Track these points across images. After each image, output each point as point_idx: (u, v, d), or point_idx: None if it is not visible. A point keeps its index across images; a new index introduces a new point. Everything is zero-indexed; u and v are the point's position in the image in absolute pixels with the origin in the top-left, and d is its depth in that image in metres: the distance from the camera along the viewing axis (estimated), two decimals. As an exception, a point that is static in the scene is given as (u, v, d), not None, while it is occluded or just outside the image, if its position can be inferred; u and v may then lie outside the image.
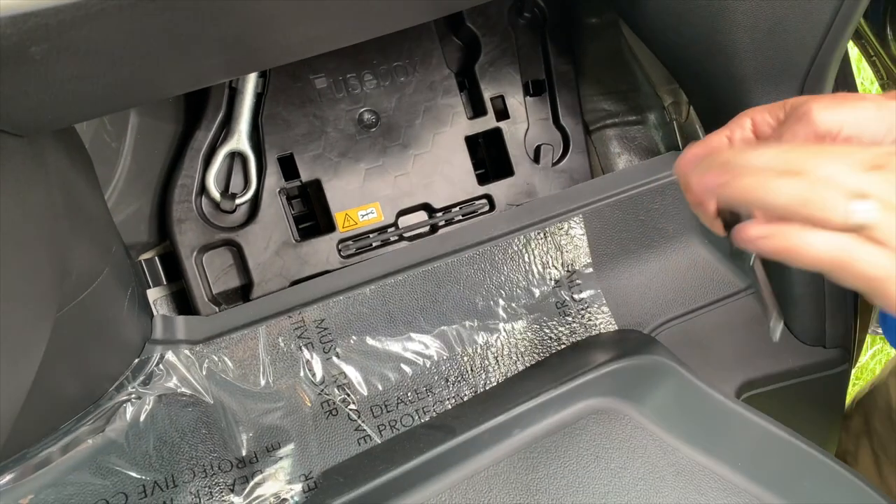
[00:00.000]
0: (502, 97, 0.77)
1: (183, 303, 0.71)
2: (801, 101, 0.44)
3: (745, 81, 0.65)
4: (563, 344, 0.72)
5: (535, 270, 0.72)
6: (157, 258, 0.71)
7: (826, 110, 0.41)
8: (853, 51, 0.95)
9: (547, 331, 0.72)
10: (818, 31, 0.61)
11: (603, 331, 0.73)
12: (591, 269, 0.72)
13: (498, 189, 0.76)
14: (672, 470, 0.63)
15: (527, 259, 0.72)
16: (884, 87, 0.92)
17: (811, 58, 0.64)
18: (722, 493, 0.61)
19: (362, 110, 0.72)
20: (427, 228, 0.74)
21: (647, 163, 0.74)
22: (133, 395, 0.63)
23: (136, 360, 0.63)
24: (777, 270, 0.71)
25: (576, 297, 0.72)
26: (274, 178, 0.70)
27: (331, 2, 0.52)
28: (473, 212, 0.75)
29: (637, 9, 0.66)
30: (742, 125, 0.46)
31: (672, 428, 0.64)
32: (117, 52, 0.43)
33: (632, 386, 0.65)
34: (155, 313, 0.69)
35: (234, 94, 0.70)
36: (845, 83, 0.79)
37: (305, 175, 0.71)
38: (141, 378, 0.63)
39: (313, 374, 0.67)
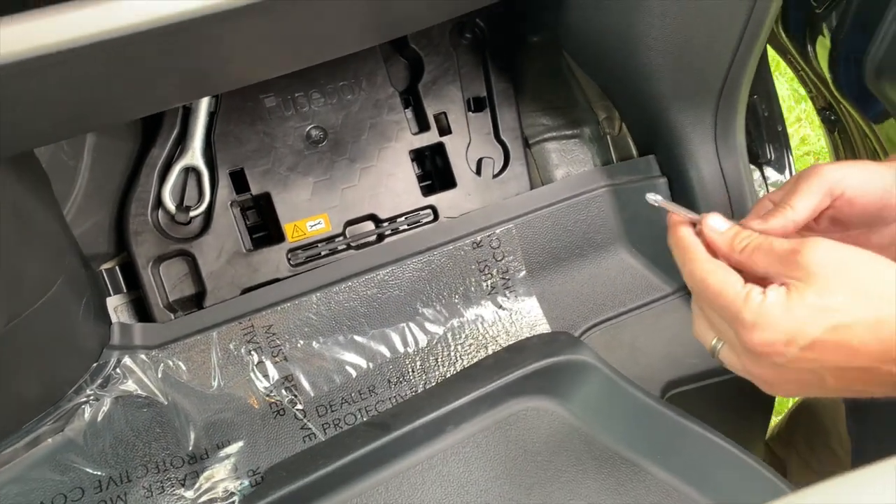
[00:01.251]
0: (445, 114, 0.81)
1: (142, 309, 0.76)
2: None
3: (663, 99, 0.70)
4: (500, 345, 0.77)
5: (473, 277, 0.76)
6: (117, 268, 0.75)
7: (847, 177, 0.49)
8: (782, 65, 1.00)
9: (484, 333, 0.77)
10: (726, 53, 0.66)
11: (538, 333, 0.77)
12: (524, 276, 0.77)
13: (441, 200, 0.80)
14: (594, 463, 0.67)
15: (465, 266, 0.76)
16: (813, 99, 0.97)
17: (723, 76, 0.69)
18: (640, 483, 0.66)
19: (310, 127, 0.77)
20: (374, 238, 0.79)
21: (575, 177, 0.79)
22: (91, 397, 0.67)
23: (95, 365, 0.68)
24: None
25: (511, 301, 0.77)
26: (226, 192, 0.75)
27: (287, 38, 0.57)
28: (418, 221, 0.80)
29: (565, 33, 0.71)
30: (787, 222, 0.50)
31: (596, 423, 0.68)
32: (77, 92, 0.47)
33: (559, 384, 0.70)
34: (114, 320, 0.73)
35: (188, 113, 0.74)
36: (768, 99, 0.84)
37: (256, 189, 0.75)
38: (99, 381, 0.68)
39: (262, 377, 0.72)
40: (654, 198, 0.54)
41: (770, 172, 0.84)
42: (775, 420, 1.12)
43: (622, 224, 0.79)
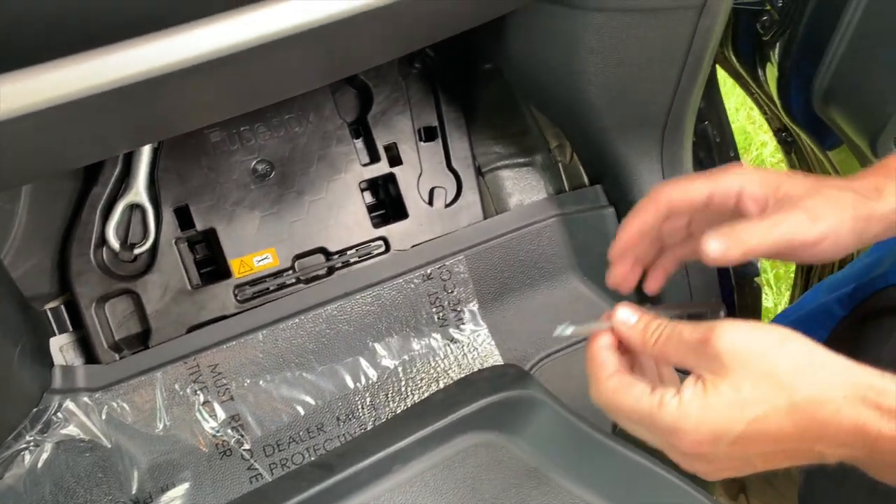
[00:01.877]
0: (395, 144, 0.81)
1: (88, 349, 0.74)
2: (787, 193, 0.47)
3: (608, 132, 0.70)
4: (452, 378, 0.76)
5: (424, 310, 0.76)
6: (62, 306, 0.74)
7: (812, 225, 0.45)
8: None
9: (436, 367, 0.76)
10: (668, 86, 0.66)
11: (490, 365, 0.77)
12: (476, 308, 0.77)
13: (393, 231, 0.80)
14: (544, 499, 0.67)
15: (416, 299, 0.76)
16: (769, 121, 0.97)
17: (667, 108, 0.68)
18: (589, 519, 0.66)
19: (256, 161, 0.76)
20: (324, 271, 0.78)
21: (525, 207, 0.78)
22: (31, 444, 0.66)
23: (35, 410, 0.67)
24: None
25: (463, 334, 0.77)
26: (171, 228, 0.74)
27: (243, 87, 0.56)
28: (369, 253, 0.79)
29: (508, 66, 0.71)
30: (729, 186, 0.48)
31: (544, 459, 0.68)
32: (27, 147, 0.47)
33: (508, 419, 0.69)
34: (59, 360, 0.72)
35: (131, 151, 0.73)
36: (720, 125, 0.84)
37: (201, 224, 0.74)
38: (39, 426, 0.66)
39: (209, 417, 0.71)
40: (562, 330, 0.50)
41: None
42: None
43: (573, 253, 0.78)
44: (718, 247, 0.46)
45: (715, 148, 0.84)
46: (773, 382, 0.41)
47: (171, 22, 0.45)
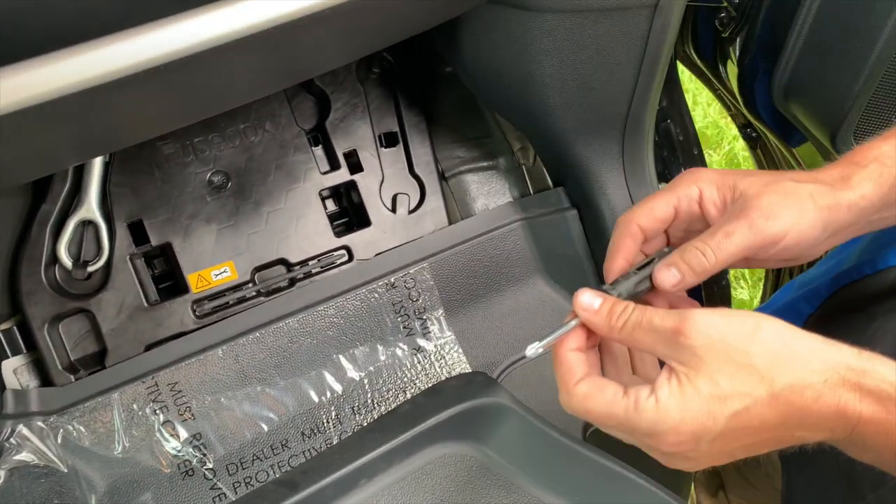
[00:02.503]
0: (356, 150, 0.79)
1: (42, 371, 0.72)
2: (742, 192, 0.46)
3: (567, 135, 0.69)
4: (420, 388, 0.75)
5: (389, 320, 0.75)
6: (14, 328, 0.72)
7: (767, 222, 0.45)
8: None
9: (402, 377, 0.75)
10: (626, 87, 0.65)
11: (459, 372, 0.76)
12: (442, 315, 0.75)
13: (356, 240, 0.78)
14: (514, 508, 0.66)
15: (380, 310, 0.74)
16: (733, 117, 0.97)
17: (626, 109, 0.68)
18: (560, 527, 0.65)
19: (211, 172, 0.74)
20: (285, 283, 0.76)
21: (489, 213, 0.77)
22: (-17, 471, 0.64)
23: (-13, 436, 0.64)
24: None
25: (430, 342, 0.75)
26: (125, 244, 0.72)
27: (192, 95, 0.55)
28: (332, 263, 0.78)
29: (462, 69, 0.70)
30: (689, 196, 0.48)
31: (515, 468, 0.67)
32: None
33: (474, 428, 0.68)
34: (13, 384, 0.70)
35: (81, 166, 0.71)
36: (682, 123, 0.84)
37: (156, 239, 0.72)
38: (-9, 453, 0.64)
39: (169, 437, 0.69)
40: (534, 351, 0.48)
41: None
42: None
43: (538, 256, 0.77)
44: (672, 278, 0.46)
45: (678, 146, 0.83)
46: (751, 373, 0.40)
47: (109, 29, 0.44)
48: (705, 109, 2.03)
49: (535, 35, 0.59)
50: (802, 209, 0.45)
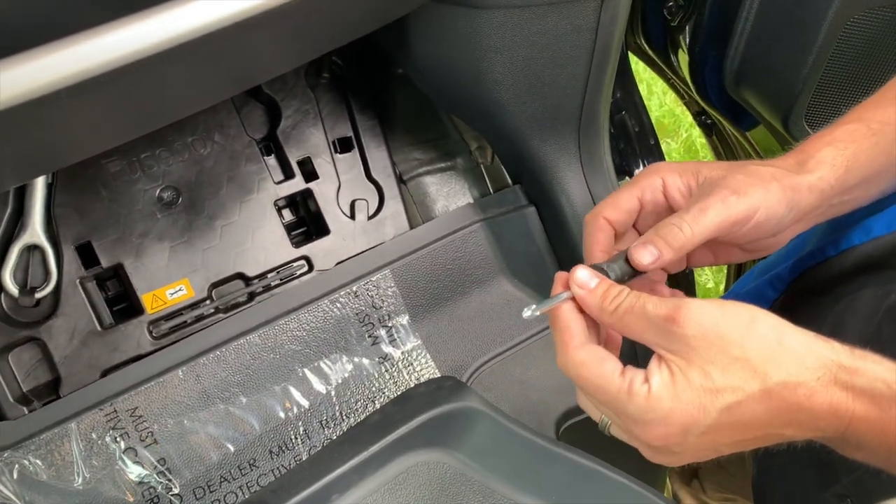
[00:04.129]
0: (310, 158, 0.77)
1: (-5, 403, 0.69)
2: (707, 176, 0.46)
3: (522, 132, 0.68)
4: (389, 397, 0.73)
5: (353, 330, 0.73)
6: (-39, 361, 0.69)
7: (738, 198, 0.44)
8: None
9: (370, 387, 0.73)
10: (578, 81, 0.65)
11: (428, 378, 0.75)
12: (408, 322, 0.74)
13: (315, 249, 0.77)
14: (491, 512, 0.65)
15: (343, 320, 0.73)
16: (687, 105, 0.97)
17: (579, 103, 0.67)
18: (538, 528, 0.64)
19: (161, 188, 0.72)
20: (244, 297, 0.74)
21: (449, 215, 0.77)
22: (-66, 515, 0.61)
23: (-64, 477, 0.62)
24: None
25: (397, 350, 0.74)
26: (74, 268, 0.69)
27: (134, 106, 0.53)
28: (292, 275, 0.76)
29: (413, 68, 0.69)
30: (653, 185, 0.48)
31: (487, 470, 0.66)
32: None
33: (446, 434, 0.67)
34: (-36, 420, 0.67)
35: (22, 189, 0.68)
36: (637, 114, 0.84)
37: (106, 260, 0.70)
38: (-58, 495, 0.61)
39: (132, 464, 0.66)
40: (531, 313, 0.46)
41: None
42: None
43: (501, 256, 0.77)
44: (649, 255, 0.45)
45: (635, 137, 0.83)
46: (744, 368, 0.39)
47: (39, 39, 0.42)
48: (661, 98, 2.05)
49: (484, 32, 0.58)
50: (768, 188, 0.45)
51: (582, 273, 0.44)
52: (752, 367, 0.39)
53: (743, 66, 0.73)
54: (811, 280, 0.61)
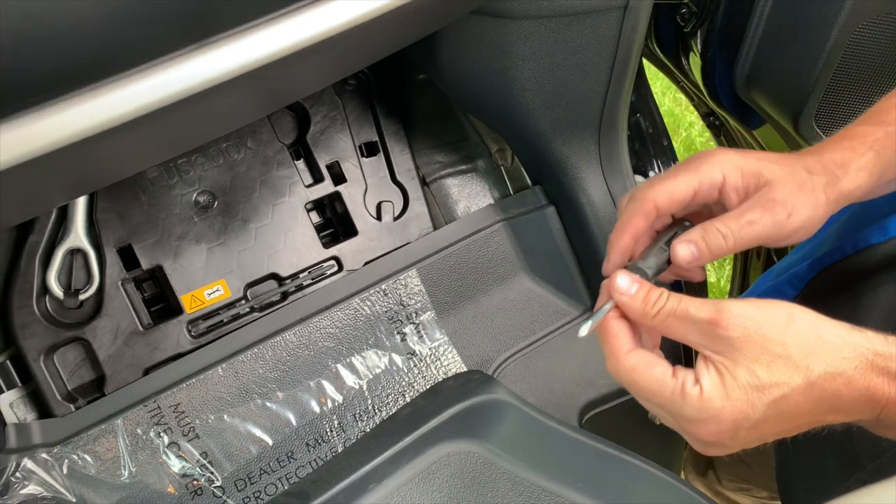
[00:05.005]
0: (338, 162, 0.80)
1: (41, 402, 0.72)
2: (766, 181, 0.47)
3: (545, 135, 0.71)
4: (418, 391, 0.76)
5: (383, 326, 0.76)
6: (7, 362, 0.72)
7: (789, 218, 0.46)
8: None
9: (400, 381, 0.76)
10: (600, 86, 0.68)
11: (455, 373, 0.78)
12: (434, 318, 0.77)
13: (344, 250, 0.79)
14: (521, 499, 0.68)
15: (373, 317, 0.76)
16: (696, 107, 1.01)
17: (600, 106, 0.70)
18: (566, 514, 0.67)
19: (197, 192, 0.75)
20: (278, 297, 0.77)
21: (472, 216, 0.79)
22: (-10, 508, 0.64)
23: (-9, 473, 0.64)
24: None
25: (424, 345, 0.77)
26: (116, 270, 0.72)
27: (181, 132, 0.55)
28: (322, 274, 0.79)
29: (439, 75, 0.72)
30: (712, 180, 0.48)
31: (516, 459, 0.69)
32: None
33: (476, 425, 0.70)
34: (10, 418, 0.70)
35: (65, 194, 0.71)
36: (651, 116, 0.87)
37: (146, 263, 0.73)
38: (-3, 489, 0.64)
39: (175, 458, 0.69)
40: (585, 331, 0.47)
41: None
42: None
43: (522, 254, 0.80)
44: (689, 255, 0.47)
45: (649, 138, 0.86)
46: (787, 363, 0.41)
47: (101, 74, 0.44)
48: (660, 99, 2.09)
49: (513, 41, 0.61)
50: (817, 204, 0.47)
51: (622, 280, 0.46)
52: (794, 363, 0.41)
53: (754, 70, 0.76)
54: (829, 278, 0.63)
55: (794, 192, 0.47)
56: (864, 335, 0.42)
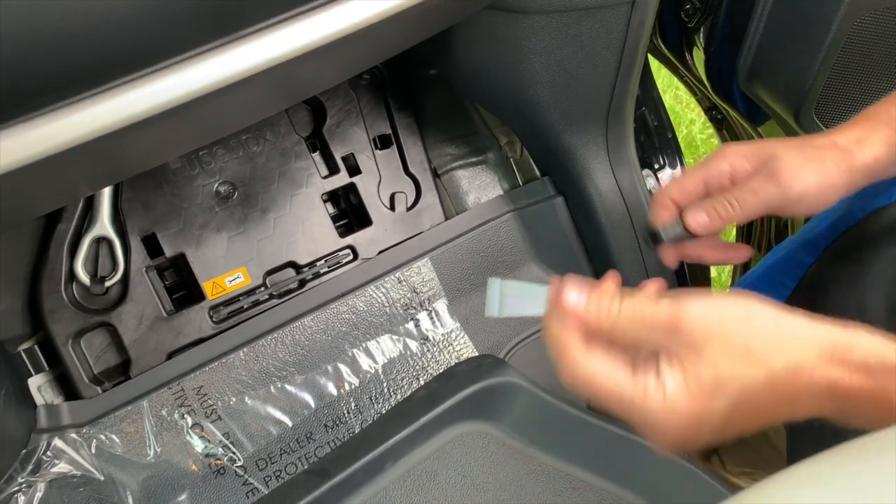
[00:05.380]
0: (353, 154, 0.83)
1: (68, 385, 0.75)
2: (771, 155, 0.50)
3: (555, 126, 0.74)
4: (431, 375, 0.79)
5: (397, 313, 0.79)
6: (35, 346, 0.74)
7: (795, 182, 0.49)
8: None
9: (414, 365, 0.79)
10: (608, 79, 0.70)
11: (466, 357, 0.80)
12: (446, 305, 0.80)
13: (359, 239, 0.82)
14: (531, 477, 0.70)
15: (388, 304, 0.78)
16: (699, 101, 1.03)
17: (608, 99, 0.73)
18: (575, 491, 0.70)
19: (218, 183, 0.77)
20: (296, 284, 0.80)
21: (482, 206, 0.82)
22: (23, 485, 0.66)
23: (24, 451, 0.67)
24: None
25: (437, 331, 0.80)
26: (140, 258, 0.75)
27: (206, 125, 0.58)
28: (338, 263, 0.81)
29: (454, 70, 0.74)
30: (720, 172, 0.52)
31: (527, 439, 0.72)
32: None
33: (489, 406, 0.73)
34: (39, 401, 0.72)
35: (91, 184, 0.73)
36: (656, 109, 0.89)
37: (170, 251, 0.75)
38: (30, 467, 0.67)
39: (199, 439, 0.72)
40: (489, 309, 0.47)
41: (665, 177, 0.90)
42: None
43: (531, 243, 0.82)
44: (701, 220, 0.51)
45: (654, 131, 0.89)
46: (748, 357, 0.41)
47: (134, 68, 0.46)
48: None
49: (525, 35, 0.63)
50: (826, 173, 0.49)
51: (571, 294, 0.44)
52: (756, 357, 0.41)
53: (756, 64, 0.79)
54: (842, 245, 0.64)
55: (799, 162, 0.49)
56: (824, 327, 0.42)
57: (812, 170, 0.49)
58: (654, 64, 1.00)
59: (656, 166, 0.89)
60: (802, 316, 0.42)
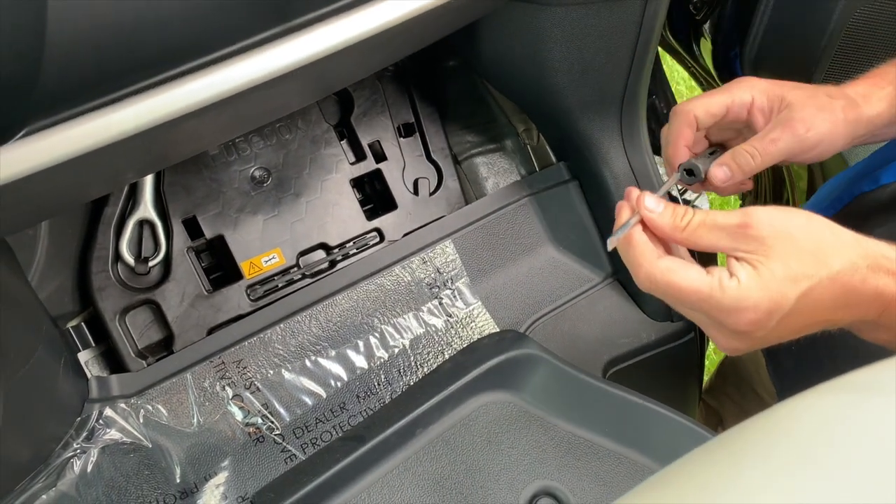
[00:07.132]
0: (378, 142, 0.87)
1: (112, 360, 0.79)
2: (785, 102, 0.53)
3: (572, 112, 0.78)
4: (455, 349, 0.83)
5: (422, 291, 0.83)
6: (82, 324, 0.79)
7: (808, 133, 0.52)
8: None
9: (440, 340, 0.83)
10: (623, 66, 0.75)
11: (487, 333, 0.85)
12: (468, 284, 0.84)
13: (385, 222, 0.86)
14: (552, 443, 0.75)
15: (413, 283, 0.83)
16: (706, 90, 1.07)
17: (623, 86, 0.77)
18: (594, 456, 0.74)
19: (254, 168, 0.82)
20: (327, 265, 0.84)
21: (501, 191, 0.87)
22: (79, 451, 0.71)
23: (78, 419, 0.71)
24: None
25: (460, 309, 0.84)
26: (181, 239, 0.79)
27: (246, 115, 0.62)
28: (366, 245, 0.86)
29: (478, 61, 0.79)
30: (743, 100, 0.55)
31: (549, 408, 0.76)
32: (51, 192, 0.52)
33: (512, 377, 0.77)
34: (89, 375, 0.77)
35: (135, 170, 0.78)
36: (665, 98, 0.94)
37: (209, 232, 0.80)
38: (84, 434, 0.71)
39: (239, 409, 0.76)
40: (611, 244, 0.51)
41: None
42: (706, 377, 1.23)
43: (547, 226, 0.87)
44: (723, 175, 0.54)
45: (663, 118, 0.93)
46: (815, 257, 0.44)
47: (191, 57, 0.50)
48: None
49: (546, 26, 0.68)
50: (835, 122, 0.53)
51: (649, 200, 0.49)
52: (820, 257, 0.44)
53: (760, 54, 0.83)
54: (860, 206, 0.67)
55: (813, 112, 0.53)
56: (873, 240, 0.46)
57: (823, 118, 0.54)
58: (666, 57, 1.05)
59: (666, 152, 0.93)
60: (851, 231, 0.46)
